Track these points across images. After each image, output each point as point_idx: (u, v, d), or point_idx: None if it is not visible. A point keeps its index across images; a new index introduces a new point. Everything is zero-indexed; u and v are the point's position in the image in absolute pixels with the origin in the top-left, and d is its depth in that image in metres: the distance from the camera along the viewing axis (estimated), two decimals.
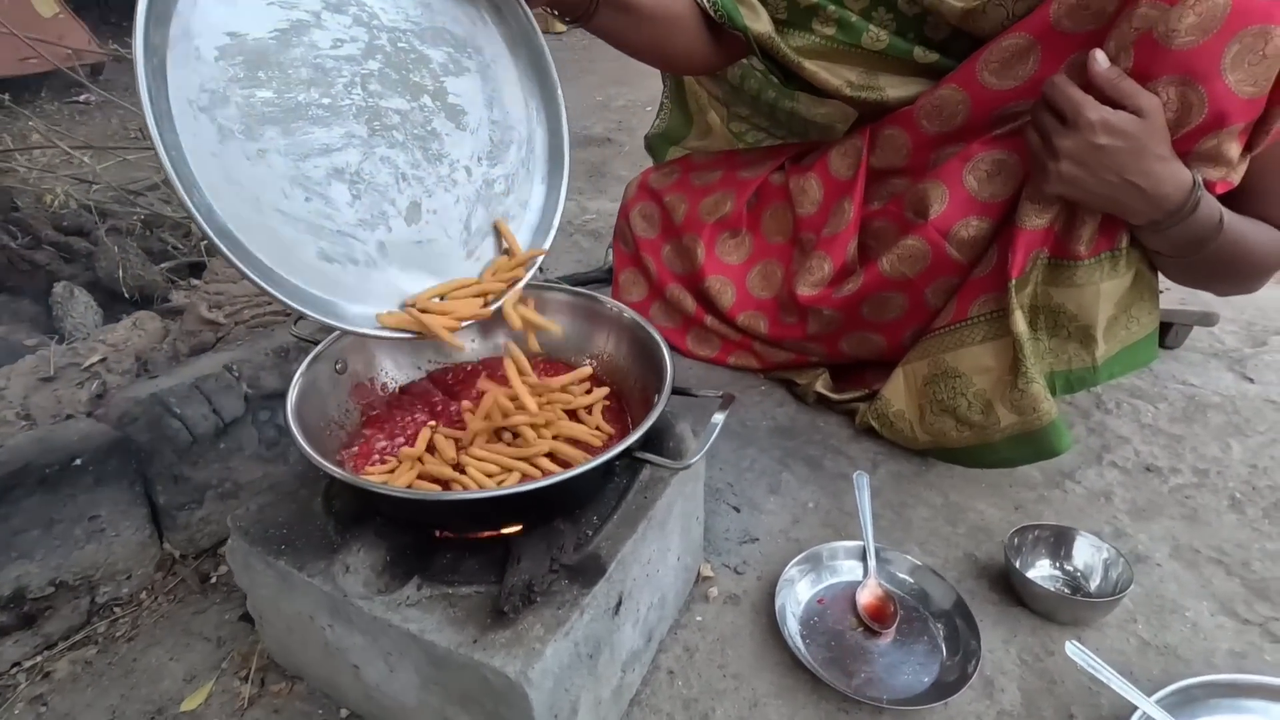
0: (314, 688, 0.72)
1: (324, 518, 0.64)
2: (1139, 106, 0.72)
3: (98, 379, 1.04)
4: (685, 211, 1.20)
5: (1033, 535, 0.85)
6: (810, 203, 1.11)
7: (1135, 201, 0.77)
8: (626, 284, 1.28)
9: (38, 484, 0.72)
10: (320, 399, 0.67)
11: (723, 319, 1.20)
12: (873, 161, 1.05)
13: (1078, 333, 0.91)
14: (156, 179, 1.82)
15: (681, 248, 1.21)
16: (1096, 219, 0.84)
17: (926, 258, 0.96)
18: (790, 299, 1.11)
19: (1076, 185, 0.77)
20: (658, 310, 1.26)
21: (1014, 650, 0.77)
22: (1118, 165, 0.74)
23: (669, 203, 1.22)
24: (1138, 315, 0.94)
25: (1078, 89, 0.74)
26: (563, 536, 0.59)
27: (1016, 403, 0.91)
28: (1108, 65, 0.73)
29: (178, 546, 0.87)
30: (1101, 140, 0.73)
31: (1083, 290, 0.88)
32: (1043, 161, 0.79)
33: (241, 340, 1.06)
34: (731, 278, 1.19)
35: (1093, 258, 0.86)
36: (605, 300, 0.78)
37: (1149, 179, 0.74)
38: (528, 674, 0.51)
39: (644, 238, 1.25)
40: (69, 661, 0.75)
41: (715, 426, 0.60)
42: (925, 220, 0.94)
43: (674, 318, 1.25)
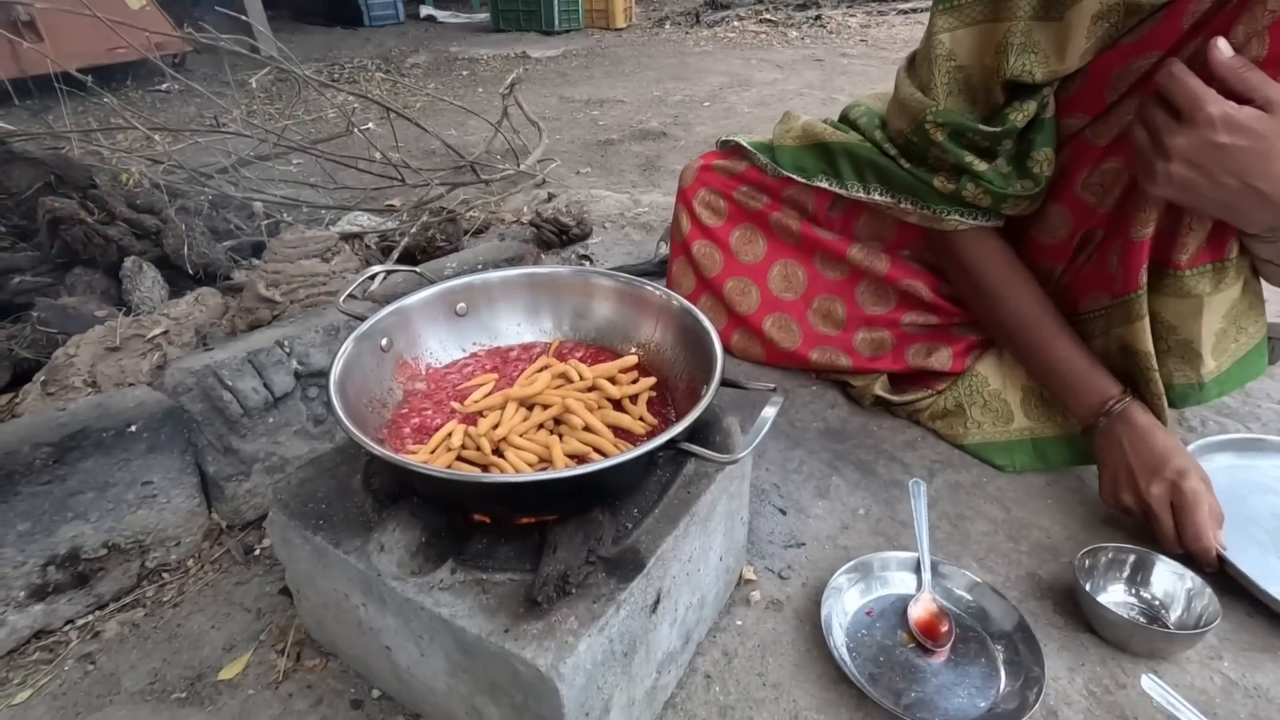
0: (347, 666, 0.72)
1: (362, 495, 0.63)
2: (1268, 99, 0.64)
3: (159, 350, 1.07)
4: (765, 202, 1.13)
5: (1106, 557, 0.79)
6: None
7: (1256, 209, 0.69)
8: (679, 275, 1.25)
9: (95, 447, 0.74)
10: (364, 375, 0.67)
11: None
12: None
13: (1178, 346, 0.85)
14: (225, 162, 1.88)
15: (748, 238, 1.16)
16: (1206, 227, 0.76)
17: None
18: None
19: (1189, 190, 0.69)
20: (706, 303, 1.22)
21: (1080, 680, 0.71)
22: (1239, 168, 0.66)
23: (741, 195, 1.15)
24: (1245, 325, 0.86)
25: (1197, 79, 0.66)
26: (601, 527, 0.57)
27: None
28: (1232, 54, 0.66)
29: (224, 517, 0.88)
30: (1222, 139, 0.65)
31: (1182, 303, 0.81)
32: (1150, 161, 0.71)
33: (295, 318, 1.08)
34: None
35: (1194, 268, 0.79)
36: (653, 287, 0.76)
37: (1275, 183, 0.66)
38: (559, 668, 0.49)
39: (712, 225, 1.18)
40: (118, 623, 0.77)
41: (766, 421, 0.56)
42: None
43: (720, 315, 1.22)
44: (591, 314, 0.80)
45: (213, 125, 2.10)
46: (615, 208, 1.98)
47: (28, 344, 1.15)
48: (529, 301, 0.80)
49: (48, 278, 1.30)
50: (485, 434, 0.62)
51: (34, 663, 0.73)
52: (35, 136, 1.68)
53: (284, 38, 2.62)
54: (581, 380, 0.69)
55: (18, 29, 2.71)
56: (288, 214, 1.65)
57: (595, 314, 0.80)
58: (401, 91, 3.31)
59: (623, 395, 0.69)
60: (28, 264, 1.30)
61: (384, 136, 2.33)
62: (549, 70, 4.03)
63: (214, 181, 1.68)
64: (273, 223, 1.56)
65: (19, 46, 2.57)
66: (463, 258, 1.18)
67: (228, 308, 1.21)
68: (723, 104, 3.24)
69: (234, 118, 2.11)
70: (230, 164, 1.88)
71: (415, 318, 0.74)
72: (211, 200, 1.58)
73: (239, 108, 2.23)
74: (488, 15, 5.65)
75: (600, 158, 2.51)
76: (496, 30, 5.37)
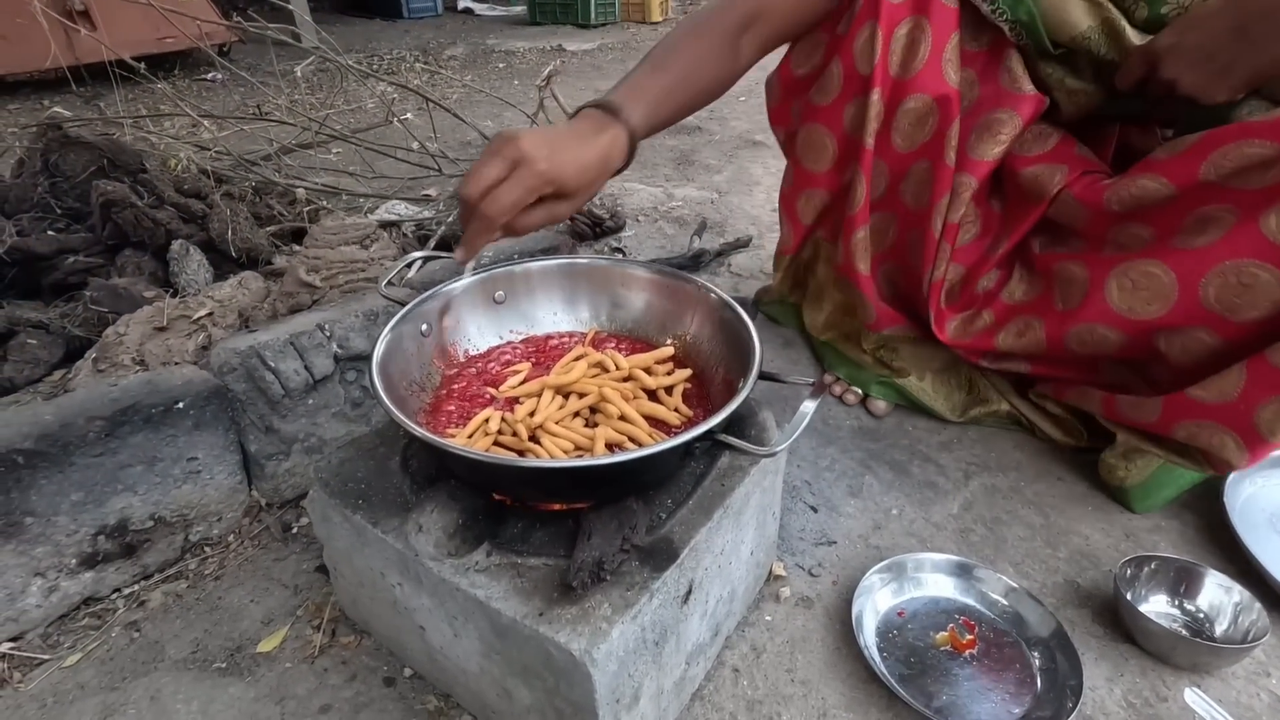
0: (381, 644, 0.73)
1: (400, 476, 0.64)
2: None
3: (204, 331, 1.10)
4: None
5: (1150, 567, 0.77)
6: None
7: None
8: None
9: (144, 422, 0.76)
10: (404, 359, 0.68)
11: None
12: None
13: None
14: (269, 150, 1.92)
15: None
16: None
17: None
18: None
19: (1213, 61, 0.72)
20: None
21: (1119, 691, 0.70)
22: (1217, 26, 0.71)
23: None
24: None
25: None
26: (635, 516, 0.57)
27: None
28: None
29: (264, 495, 0.91)
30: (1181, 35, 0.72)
31: None
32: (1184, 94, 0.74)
33: (335, 302, 1.10)
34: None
35: None
36: (692, 279, 0.76)
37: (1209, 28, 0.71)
38: (592, 653, 0.49)
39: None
40: (162, 593, 0.79)
41: (805, 415, 0.56)
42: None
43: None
44: (629, 305, 0.80)
45: (256, 113, 2.15)
46: (649, 201, 1.98)
47: (79, 322, 1.19)
48: (567, 291, 0.80)
49: (99, 259, 1.34)
50: (522, 420, 0.62)
51: (83, 628, 0.75)
52: (89, 122, 1.73)
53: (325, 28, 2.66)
54: (618, 370, 0.70)
55: (73, 18, 2.79)
56: (328, 201, 1.68)
57: (632, 305, 0.80)
58: (439, 83, 3.34)
59: (658, 386, 0.69)
60: (81, 245, 1.34)
61: (422, 127, 2.36)
62: (584, 63, 4.04)
63: (258, 168, 1.72)
64: (313, 209, 1.59)
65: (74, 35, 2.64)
66: (499, 247, 1.19)
67: (269, 291, 1.24)
68: (757, 99, 3.20)
69: (277, 106, 2.15)
70: (273, 151, 1.92)
71: (455, 304, 0.74)
72: (255, 186, 1.62)
73: (282, 96, 2.27)
74: (524, 8, 5.67)
75: None
76: (533, 23, 5.39)
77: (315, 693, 0.68)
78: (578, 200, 0.65)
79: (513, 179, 0.60)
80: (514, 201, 0.60)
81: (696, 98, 0.82)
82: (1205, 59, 0.71)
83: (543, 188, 0.61)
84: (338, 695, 0.68)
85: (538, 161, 0.60)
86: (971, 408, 1.06)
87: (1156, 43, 0.75)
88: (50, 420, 0.72)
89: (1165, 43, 0.74)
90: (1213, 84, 0.72)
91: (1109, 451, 0.93)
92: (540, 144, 0.60)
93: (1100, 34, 0.78)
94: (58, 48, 2.17)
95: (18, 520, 0.71)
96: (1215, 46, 0.71)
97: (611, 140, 0.68)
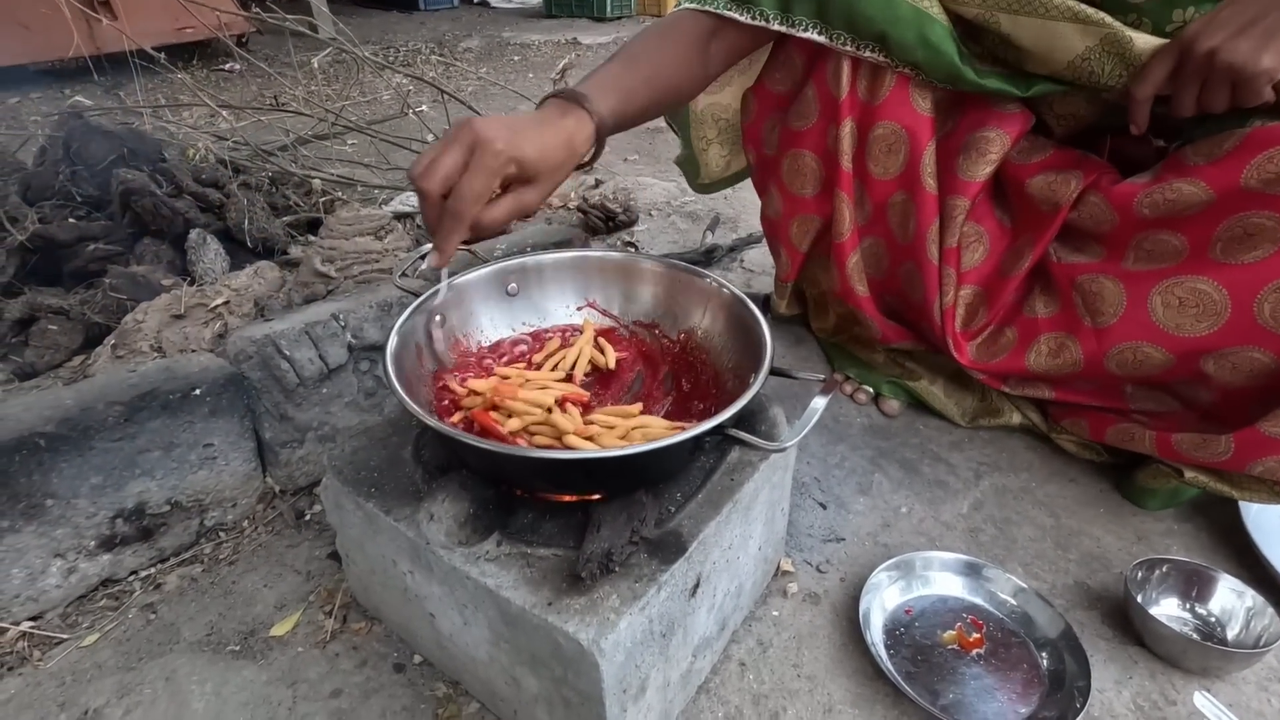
0: (391, 631, 0.74)
1: (413, 465, 0.65)
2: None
3: (220, 320, 1.11)
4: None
5: (1161, 570, 0.76)
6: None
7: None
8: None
9: (162, 408, 0.78)
10: (418, 350, 0.68)
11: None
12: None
13: None
14: (285, 140, 1.94)
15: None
16: None
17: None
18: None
19: (1256, 24, 0.66)
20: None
21: (1127, 693, 0.70)
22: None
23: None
24: None
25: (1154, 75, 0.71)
26: (644, 509, 0.57)
27: None
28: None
29: (278, 482, 0.92)
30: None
31: None
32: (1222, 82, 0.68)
33: (349, 293, 1.11)
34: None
35: None
36: (705, 274, 0.76)
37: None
38: (600, 643, 0.50)
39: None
40: (178, 576, 0.81)
41: (816, 411, 0.56)
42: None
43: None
44: (641, 298, 0.80)
45: (273, 104, 2.17)
46: (662, 196, 1.98)
47: (99, 309, 1.20)
48: (579, 283, 0.81)
49: (119, 246, 1.36)
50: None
51: (101, 609, 0.77)
52: (109, 111, 1.75)
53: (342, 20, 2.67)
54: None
55: (95, 7, 2.82)
56: (343, 193, 1.69)
57: (644, 298, 0.80)
58: (454, 75, 3.35)
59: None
60: (101, 233, 1.36)
61: (437, 119, 2.37)
62: (600, 57, 4.03)
63: (274, 159, 1.73)
64: (329, 200, 1.60)
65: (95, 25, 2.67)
66: (512, 239, 1.20)
67: (285, 281, 1.25)
68: None
69: (294, 97, 2.17)
70: (290, 142, 1.93)
71: (469, 295, 0.75)
72: (271, 177, 1.63)
73: (299, 87, 2.28)
74: (540, 1, 5.67)
75: (648, 145, 2.51)
76: (548, 16, 5.39)
77: (326, 677, 0.69)
78: (544, 186, 0.62)
79: (472, 165, 0.57)
80: (477, 190, 0.57)
81: (665, 97, 0.80)
82: (1248, 23, 0.66)
83: (504, 168, 0.58)
84: (348, 680, 0.69)
85: (495, 142, 0.57)
86: (981, 416, 1.05)
87: (1187, 29, 0.69)
88: (71, 405, 0.73)
89: (1198, 23, 0.68)
90: (1258, 48, 0.66)
91: (1143, 473, 0.91)
92: (497, 126, 0.58)
93: (1101, 54, 0.73)
94: (79, 37, 2.19)
95: (39, 502, 0.72)
96: (1259, 10, 0.66)
97: (576, 124, 0.65)
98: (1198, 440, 0.81)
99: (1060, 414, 0.99)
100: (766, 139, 1.01)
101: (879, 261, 0.96)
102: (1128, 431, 0.89)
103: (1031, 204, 0.88)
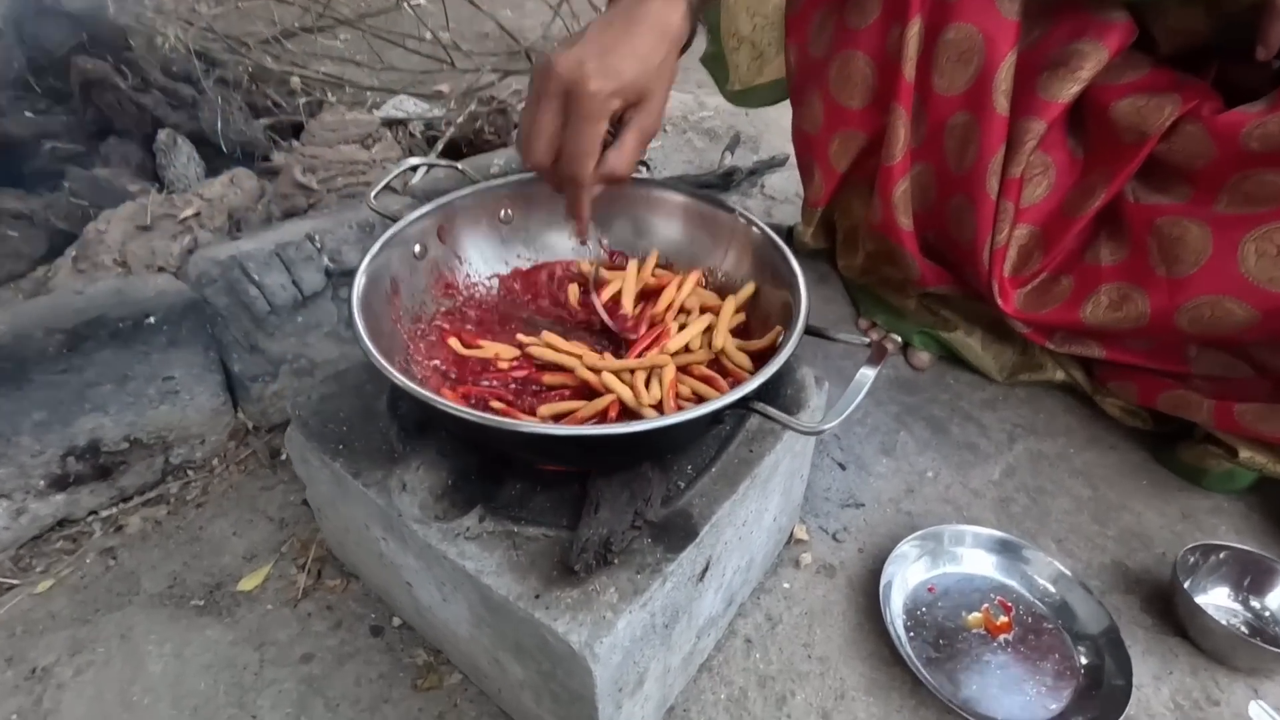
0: (369, 589, 0.68)
1: (388, 420, 0.57)
2: None
3: (190, 233, 1.01)
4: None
5: (1218, 556, 0.69)
6: None
7: None
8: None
9: (111, 337, 0.69)
10: (394, 286, 0.59)
11: None
12: None
13: None
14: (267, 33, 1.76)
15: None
16: None
17: None
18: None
19: None
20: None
21: (1166, 690, 0.64)
22: None
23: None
24: None
25: None
26: (649, 486, 0.50)
27: None
28: None
29: (251, 418, 0.84)
30: None
31: None
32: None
33: (329, 210, 1.00)
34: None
35: None
36: (729, 207, 0.65)
37: None
38: (594, 648, 0.43)
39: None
40: (140, 518, 0.75)
41: (862, 386, 0.47)
42: None
43: None
44: (653, 231, 0.70)
45: None
46: (678, 109, 1.82)
47: (64, 215, 1.10)
48: None
49: (81, 146, 1.24)
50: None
51: (57, 551, 0.71)
52: None
53: None
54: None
55: None
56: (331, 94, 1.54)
57: (658, 232, 0.69)
58: None
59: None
60: (62, 130, 1.23)
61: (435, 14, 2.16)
62: None
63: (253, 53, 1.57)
64: (313, 102, 1.45)
65: None
66: (511, 155, 1.08)
67: (263, 192, 1.14)
68: None
69: None
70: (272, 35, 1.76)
71: (455, 222, 0.65)
72: (251, 73, 1.48)
73: None
74: None
75: None
76: None
77: (297, 639, 0.64)
78: (657, 99, 0.53)
79: (570, 121, 0.50)
80: (585, 147, 0.50)
81: None
82: None
83: (607, 107, 0.50)
84: (321, 643, 0.63)
85: (585, 81, 0.48)
86: (1021, 371, 0.96)
87: None
88: (3, 331, 0.64)
89: None
90: None
91: (1188, 451, 0.84)
92: (581, 58, 0.49)
93: None
94: None
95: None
96: None
97: (662, 8, 0.53)
98: (1264, 412, 0.73)
99: (1108, 374, 0.90)
100: (814, 37, 0.87)
101: (925, 193, 0.84)
102: (1182, 398, 0.80)
103: (1113, 132, 0.75)
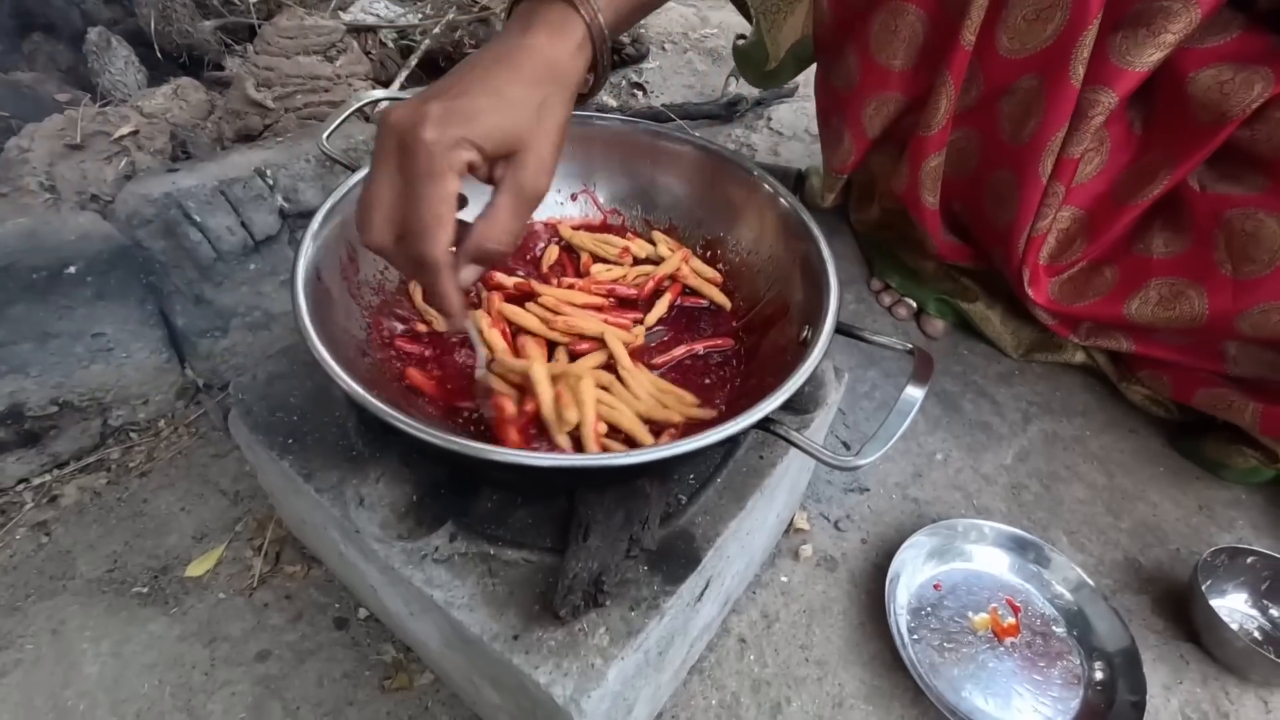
0: (332, 576, 0.62)
1: (346, 410, 0.49)
2: None
3: (127, 155, 0.89)
4: None
5: (1244, 561, 0.65)
6: None
7: None
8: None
9: (24, 291, 0.60)
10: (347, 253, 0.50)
11: None
12: None
13: None
14: None
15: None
16: None
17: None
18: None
19: None
20: None
21: (1176, 701, 0.61)
22: None
23: None
24: None
25: None
26: (647, 506, 0.43)
27: None
28: None
29: (201, 375, 0.76)
30: None
31: None
32: None
33: (289, 135, 0.88)
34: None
35: None
36: (750, 165, 0.56)
37: None
38: (580, 702, 0.37)
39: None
40: (77, 487, 0.67)
41: (909, 411, 0.40)
42: None
43: None
44: (654, 187, 0.60)
45: None
46: (678, 24, 1.66)
47: None
48: (576, 162, 0.60)
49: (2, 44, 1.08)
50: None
51: None
52: None
53: None
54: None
55: None
56: None
57: (660, 189, 0.60)
58: None
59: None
60: None
61: None
62: None
63: None
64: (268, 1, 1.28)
65: None
66: None
67: (213, 107, 1.01)
68: None
69: None
70: None
71: None
72: None
73: None
74: None
75: None
76: None
77: (252, 634, 0.58)
78: (537, 152, 0.38)
79: (407, 179, 0.36)
80: (429, 211, 0.35)
81: None
82: None
83: (453, 159, 0.36)
84: (279, 638, 0.58)
85: (422, 126, 0.35)
86: (1039, 350, 0.89)
87: None
88: None
89: None
90: None
91: (1214, 446, 0.79)
92: (418, 103, 0.36)
93: None
94: None
95: None
96: None
97: (546, 42, 0.41)
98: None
99: (1139, 364, 0.83)
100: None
101: (965, 162, 0.74)
102: (1223, 398, 0.74)
103: (1186, 109, 0.65)
